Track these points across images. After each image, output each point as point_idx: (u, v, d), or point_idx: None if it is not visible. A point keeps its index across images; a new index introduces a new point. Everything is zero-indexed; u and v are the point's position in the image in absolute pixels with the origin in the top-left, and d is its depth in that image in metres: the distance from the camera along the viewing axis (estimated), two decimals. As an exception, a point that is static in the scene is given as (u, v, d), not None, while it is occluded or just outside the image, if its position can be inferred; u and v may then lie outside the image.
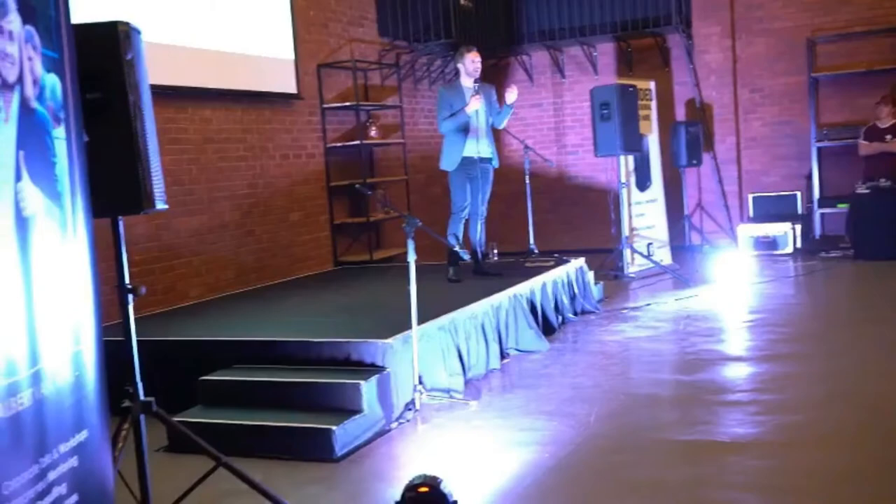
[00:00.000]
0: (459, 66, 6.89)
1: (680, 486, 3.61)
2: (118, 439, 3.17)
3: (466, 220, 6.97)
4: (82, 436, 2.55)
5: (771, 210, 10.18)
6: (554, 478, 3.79)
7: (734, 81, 10.44)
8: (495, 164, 6.96)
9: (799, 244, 9.72)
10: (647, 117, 9.62)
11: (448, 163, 6.80)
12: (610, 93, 8.70)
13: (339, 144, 9.17)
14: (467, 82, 6.83)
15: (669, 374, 5.43)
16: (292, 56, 8.49)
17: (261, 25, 8.12)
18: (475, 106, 6.64)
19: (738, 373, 5.28)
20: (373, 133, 9.43)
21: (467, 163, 6.77)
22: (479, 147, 6.79)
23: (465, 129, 6.70)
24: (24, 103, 2.34)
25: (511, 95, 6.86)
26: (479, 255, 7.09)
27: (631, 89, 8.97)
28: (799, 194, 10.15)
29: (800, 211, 10.11)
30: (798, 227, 9.76)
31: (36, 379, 2.30)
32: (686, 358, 5.73)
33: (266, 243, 8.16)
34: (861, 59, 9.81)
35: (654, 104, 9.85)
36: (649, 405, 4.78)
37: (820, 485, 3.55)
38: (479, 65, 6.84)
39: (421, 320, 4.87)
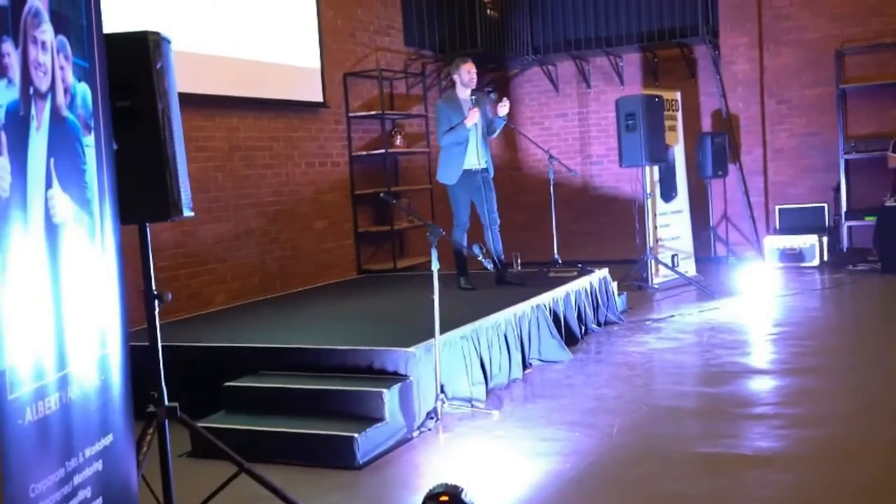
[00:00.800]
0: (455, 76, 6.88)
1: (702, 499, 3.58)
2: (143, 444, 3.20)
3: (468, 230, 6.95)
4: (108, 440, 2.59)
5: (798, 222, 10.10)
6: (575, 489, 3.78)
7: (761, 92, 10.38)
8: (491, 172, 6.95)
9: (826, 257, 9.64)
10: (672, 128, 9.59)
11: (449, 176, 6.78)
12: (635, 103, 8.68)
13: (364, 153, 9.22)
14: (464, 94, 6.83)
15: (693, 387, 5.40)
16: (319, 65, 8.56)
17: (288, 34, 8.19)
18: (474, 119, 6.63)
19: (762, 386, 5.24)
20: (398, 142, 9.47)
21: (468, 175, 6.77)
22: (479, 158, 6.78)
23: (464, 142, 6.70)
24: (55, 112, 2.38)
25: (503, 109, 6.83)
26: (500, 265, 7.08)
27: (657, 100, 8.94)
28: (826, 206, 10.06)
29: (827, 223, 10.02)
30: (825, 240, 9.68)
31: (63, 383, 2.33)
32: (710, 370, 5.69)
33: (291, 251, 8.22)
34: (891, 71, 9.72)
35: (679, 115, 9.81)
36: (672, 417, 4.75)
37: (844, 500, 3.52)
38: (474, 75, 6.84)
39: (444, 329, 4.88)
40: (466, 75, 6.80)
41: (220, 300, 7.30)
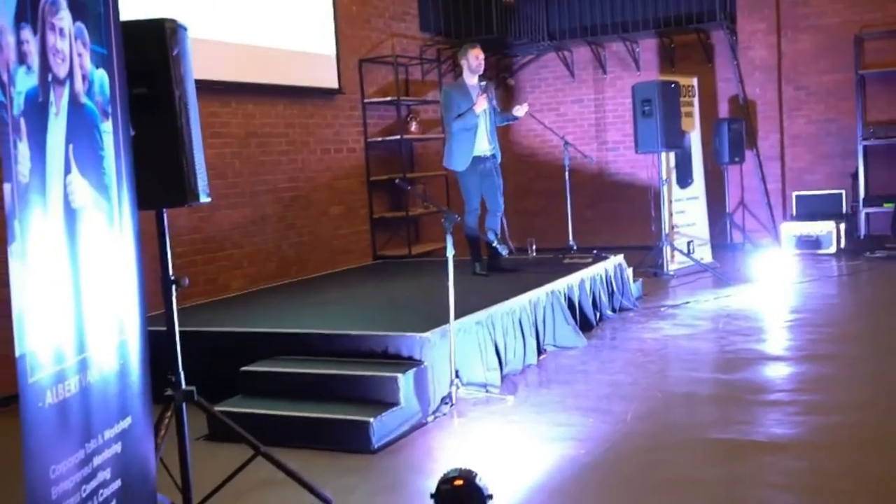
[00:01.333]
0: (463, 62, 6.83)
1: (716, 484, 3.59)
2: (160, 427, 3.24)
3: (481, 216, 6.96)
4: (126, 423, 2.62)
5: (815, 209, 10.04)
6: (589, 474, 3.80)
7: (779, 78, 10.30)
8: (498, 158, 6.93)
9: (843, 244, 9.58)
10: (689, 114, 9.54)
11: (460, 163, 6.74)
12: (651, 89, 8.64)
13: (379, 139, 9.23)
14: (471, 80, 6.79)
15: (708, 373, 5.40)
16: (334, 51, 8.56)
17: (303, 21, 8.19)
18: (483, 105, 6.61)
19: (777, 372, 5.23)
20: (413, 128, 9.47)
21: (477, 161, 6.74)
22: (488, 144, 6.76)
23: (472, 128, 6.68)
24: (73, 98, 2.41)
25: (520, 111, 6.89)
26: (496, 251, 7.08)
27: (673, 86, 8.90)
28: (844, 193, 10.00)
29: (844, 210, 9.95)
30: (842, 227, 9.62)
31: (82, 366, 2.37)
32: (725, 357, 5.69)
33: (307, 236, 8.25)
34: (910, 56, 9.64)
35: (696, 101, 9.76)
36: (687, 403, 4.76)
37: (859, 487, 3.51)
38: (482, 61, 6.81)
39: (458, 315, 4.90)
40: (475, 61, 6.77)
41: (236, 286, 7.35)
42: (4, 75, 2.07)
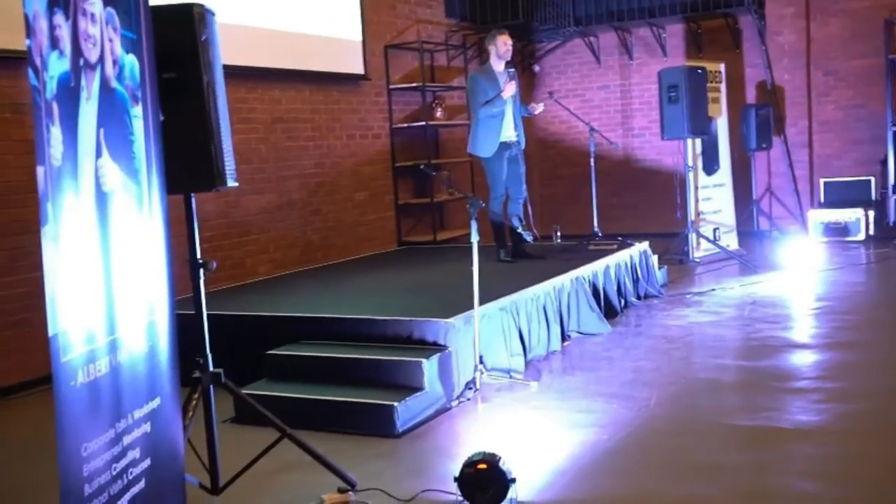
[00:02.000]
0: (491, 48, 6.80)
1: (739, 471, 3.59)
2: (188, 408, 3.29)
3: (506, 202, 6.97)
4: (155, 403, 2.67)
5: (843, 196, 9.94)
6: (612, 459, 3.81)
7: (807, 63, 10.19)
8: (523, 144, 6.92)
9: (871, 231, 9.48)
10: (716, 100, 9.46)
11: (486, 149, 6.72)
12: (678, 75, 8.58)
13: (404, 125, 9.24)
14: (499, 66, 6.77)
15: (732, 360, 5.38)
16: (360, 37, 8.58)
17: (329, 7, 8.21)
18: (511, 91, 6.60)
19: (803, 360, 5.21)
20: (438, 114, 9.47)
21: (503, 147, 6.74)
22: (513, 130, 6.77)
23: (499, 115, 6.67)
24: (104, 82, 2.44)
25: (537, 109, 6.95)
26: (520, 238, 7.09)
27: (700, 71, 8.83)
28: (873, 180, 9.88)
29: (873, 197, 9.84)
30: (871, 214, 9.51)
31: (113, 347, 2.41)
32: (750, 344, 5.67)
33: (332, 222, 8.29)
34: (942, 41, 9.49)
35: (723, 86, 9.68)
36: (711, 390, 4.75)
37: (885, 474, 3.50)
38: (510, 48, 6.80)
39: (483, 301, 4.91)
40: (503, 47, 6.75)
41: (262, 270, 7.41)
42: (38, 60, 2.11)
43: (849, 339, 5.61)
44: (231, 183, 3.29)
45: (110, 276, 2.42)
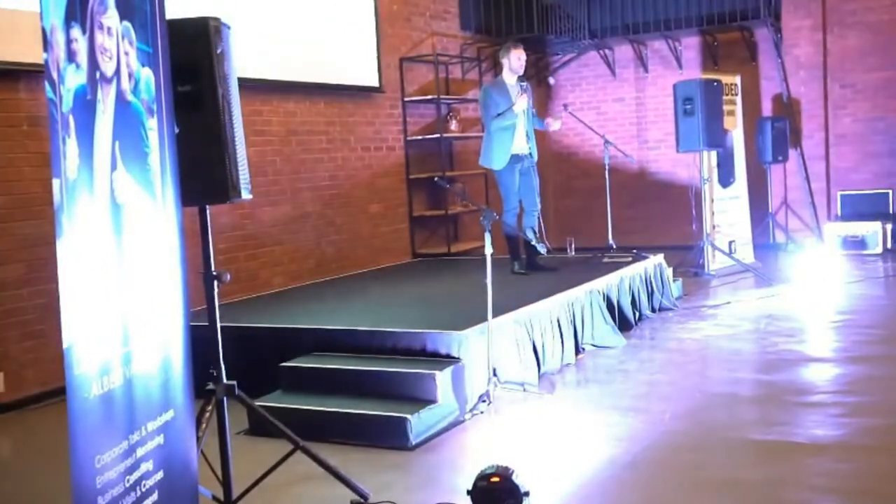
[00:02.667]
0: (504, 61, 6.81)
1: (755, 486, 3.56)
2: (202, 420, 3.28)
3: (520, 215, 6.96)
4: (169, 415, 2.67)
5: (860, 208, 9.88)
6: (627, 473, 3.78)
7: (824, 76, 10.15)
8: (535, 157, 6.92)
9: (889, 244, 9.41)
10: (731, 112, 9.44)
11: (498, 161, 6.72)
12: (693, 87, 8.56)
13: (419, 137, 9.25)
14: (511, 79, 6.78)
15: (748, 374, 5.35)
16: (375, 49, 8.60)
17: (344, 19, 8.25)
18: (523, 105, 6.61)
19: (820, 374, 5.16)
20: (453, 126, 9.48)
21: (515, 160, 6.74)
22: (525, 143, 6.77)
23: (511, 127, 6.66)
24: (120, 95, 2.46)
25: (553, 125, 6.98)
26: (534, 250, 7.08)
27: (715, 84, 8.81)
28: (891, 192, 9.82)
29: (891, 210, 9.78)
30: (889, 227, 9.45)
31: (126, 359, 2.41)
32: (766, 357, 5.63)
33: (346, 234, 8.30)
34: (960, 53, 9.43)
35: (739, 99, 9.65)
36: (726, 404, 4.71)
37: (902, 491, 3.46)
38: (524, 62, 6.82)
39: (497, 313, 4.90)
40: (517, 61, 6.76)
41: (277, 282, 7.42)
42: (55, 73, 2.12)
43: (867, 352, 5.56)
44: (245, 195, 3.29)
45: (125, 289, 2.43)
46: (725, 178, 9.38)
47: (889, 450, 3.90)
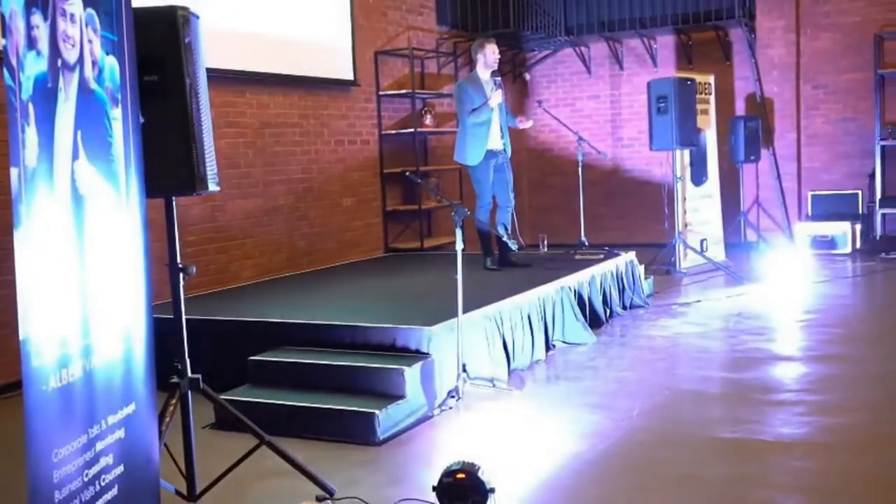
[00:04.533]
0: (479, 56, 6.84)
1: (719, 483, 3.58)
2: (165, 414, 3.25)
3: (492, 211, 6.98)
4: (130, 409, 2.64)
5: (830, 209, 9.98)
6: (593, 469, 3.79)
7: (797, 76, 10.23)
8: (509, 153, 6.94)
9: (858, 244, 9.52)
10: (705, 111, 9.49)
11: (473, 157, 6.74)
12: (667, 86, 8.59)
13: (393, 132, 9.22)
14: (485, 74, 6.81)
15: (716, 372, 5.38)
16: (350, 42, 8.56)
17: (320, 12, 8.20)
18: (498, 100, 6.64)
19: (787, 372, 5.20)
20: (428, 121, 9.46)
21: (490, 156, 6.77)
22: (499, 139, 6.79)
23: (486, 123, 6.68)
24: (83, 84, 2.42)
25: (524, 124, 7.08)
26: (507, 246, 7.09)
27: (689, 83, 8.85)
28: (860, 193, 9.93)
29: (860, 210, 9.88)
30: (858, 227, 9.55)
31: (86, 352, 2.38)
32: (734, 356, 5.66)
33: (318, 227, 8.26)
34: (930, 57, 9.55)
35: (713, 98, 9.71)
36: (694, 402, 4.74)
37: (864, 488, 3.49)
38: (498, 57, 6.86)
39: (467, 309, 4.89)
40: (491, 56, 6.79)
41: (247, 275, 7.37)
42: (14, 59, 2.08)
43: (833, 352, 5.61)
44: (212, 187, 3.26)
45: (85, 280, 2.39)
46: (698, 177, 9.43)
47: (850, 448, 3.93)
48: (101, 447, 2.44)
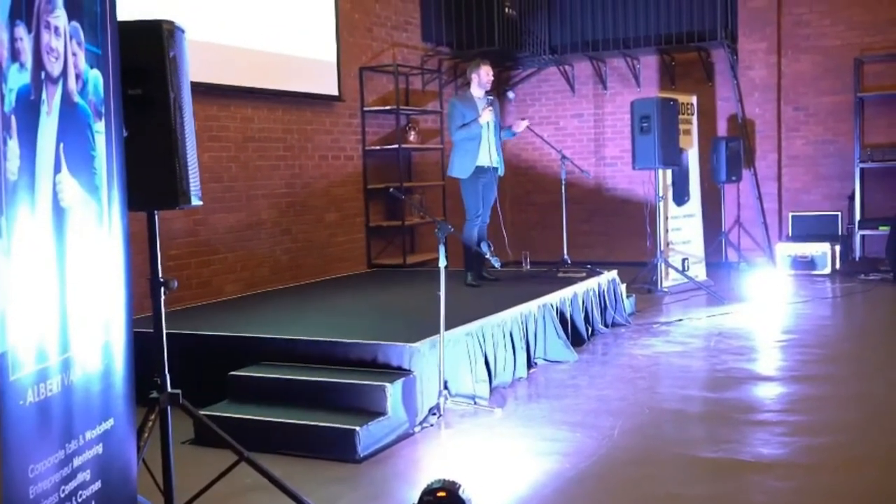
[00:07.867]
0: (473, 76, 7.05)
1: (699, 502, 3.58)
2: (144, 429, 3.22)
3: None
4: (108, 424, 2.61)
5: (810, 230, 10.06)
6: (573, 488, 3.79)
7: (778, 98, 10.34)
8: (501, 172, 7.06)
9: (838, 265, 9.60)
10: (687, 132, 9.56)
11: (462, 171, 6.92)
12: (650, 106, 8.65)
13: (377, 147, 9.23)
14: (478, 93, 7.01)
15: (697, 391, 5.39)
16: (335, 58, 8.58)
17: (305, 27, 8.21)
18: (487, 117, 6.82)
19: (767, 392, 5.23)
20: (412, 137, 9.48)
21: (479, 171, 6.92)
22: (490, 156, 6.93)
23: (476, 138, 6.82)
24: (66, 97, 2.41)
25: (520, 126, 7.30)
26: (479, 260, 7.21)
27: (672, 103, 8.92)
28: (840, 215, 10.02)
29: (840, 232, 9.97)
30: (837, 248, 9.63)
31: (65, 366, 2.36)
32: (715, 375, 5.68)
33: (302, 242, 8.25)
34: (909, 81, 9.67)
35: (695, 118, 9.78)
36: (674, 421, 4.75)
37: (843, 509, 3.51)
38: (491, 77, 7.07)
39: (449, 326, 4.89)
40: (485, 76, 7.00)
41: (229, 290, 7.34)
42: (-4, 72, 2.07)
43: (813, 372, 5.64)
44: (195, 201, 3.24)
45: (65, 294, 2.37)
46: (680, 197, 9.49)
47: (829, 468, 3.95)
48: (78, 463, 2.41)
